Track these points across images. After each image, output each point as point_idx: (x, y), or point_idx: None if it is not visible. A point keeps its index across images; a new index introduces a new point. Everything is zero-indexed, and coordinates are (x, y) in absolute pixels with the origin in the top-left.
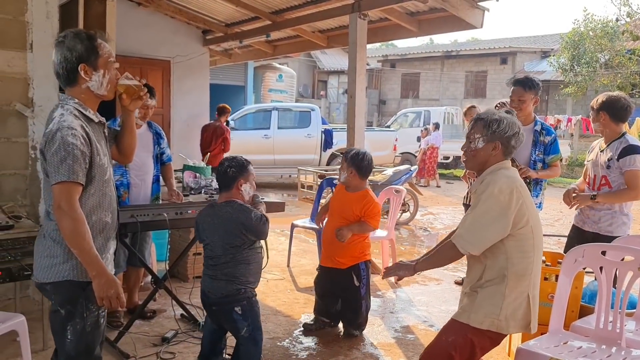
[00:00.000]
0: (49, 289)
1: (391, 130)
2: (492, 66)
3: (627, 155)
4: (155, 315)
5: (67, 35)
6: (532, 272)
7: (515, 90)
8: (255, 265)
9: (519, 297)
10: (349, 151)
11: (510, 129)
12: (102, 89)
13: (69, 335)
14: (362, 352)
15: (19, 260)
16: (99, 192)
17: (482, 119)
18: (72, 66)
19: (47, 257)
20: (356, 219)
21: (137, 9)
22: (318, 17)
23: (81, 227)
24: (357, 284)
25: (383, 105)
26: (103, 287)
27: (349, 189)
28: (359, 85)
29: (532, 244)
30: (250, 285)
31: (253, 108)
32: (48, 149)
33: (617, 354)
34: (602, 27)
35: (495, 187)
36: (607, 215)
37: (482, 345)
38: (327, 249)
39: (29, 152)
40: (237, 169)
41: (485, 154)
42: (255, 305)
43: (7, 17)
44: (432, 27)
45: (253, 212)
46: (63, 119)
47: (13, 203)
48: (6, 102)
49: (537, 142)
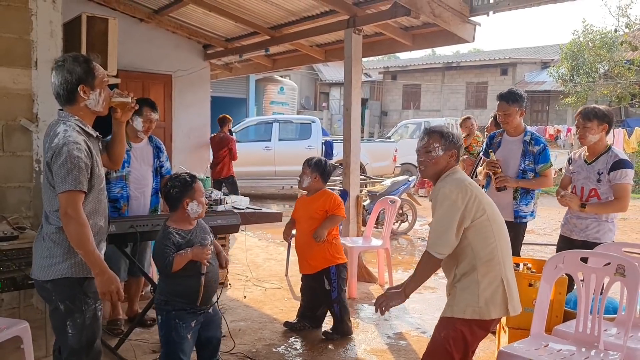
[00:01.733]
0: (49, 286)
1: (391, 142)
2: (493, 77)
3: (619, 169)
4: (154, 323)
5: (66, 60)
6: (499, 256)
7: (500, 105)
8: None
9: (494, 281)
10: (310, 159)
11: (459, 140)
12: (99, 106)
13: (70, 330)
14: (355, 357)
15: (23, 269)
16: (95, 200)
17: (437, 131)
18: (72, 87)
19: (47, 258)
20: (323, 215)
21: (139, 25)
22: (315, 32)
23: (86, 231)
24: (328, 287)
25: (385, 117)
26: (105, 283)
27: (309, 193)
28: (355, 98)
29: (491, 229)
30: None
31: (254, 120)
32: (55, 162)
33: (595, 356)
34: (601, 38)
35: (446, 189)
36: (594, 223)
37: (472, 335)
38: (301, 256)
39: (33, 165)
40: (180, 189)
41: (444, 162)
42: (173, 320)
43: (13, 36)
44: (426, 41)
45: (163, 249)
46: (68, 134)
47: (18, 215)
48: (12, 117)
49: (526, 152)
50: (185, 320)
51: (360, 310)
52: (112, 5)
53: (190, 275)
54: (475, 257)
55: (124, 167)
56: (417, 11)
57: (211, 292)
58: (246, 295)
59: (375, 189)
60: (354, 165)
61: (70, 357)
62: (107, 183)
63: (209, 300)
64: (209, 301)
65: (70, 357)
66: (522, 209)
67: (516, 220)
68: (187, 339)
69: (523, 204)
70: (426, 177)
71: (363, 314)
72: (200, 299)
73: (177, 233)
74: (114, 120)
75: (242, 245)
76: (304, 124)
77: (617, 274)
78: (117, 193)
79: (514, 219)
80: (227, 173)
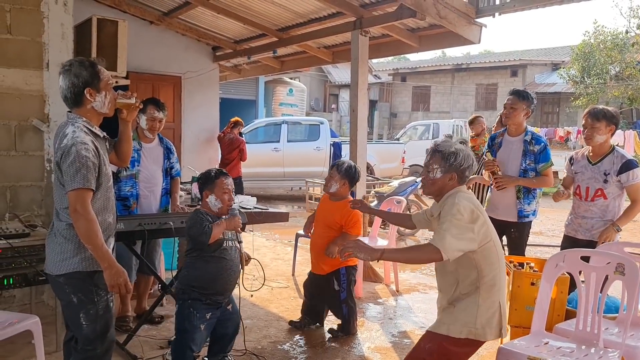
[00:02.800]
0: (62, 280)
1: (399, 143)
2: (503, 79)
3: (628, 170)
4: (162, 320)
5: (72, 64)
6: (500, 281)
7: (510, 98)
8: (205, 273)
9: (492, 306)
10: (340, 164)
11: (465, 161)
12: (105, 107)
13: (84, 321)
14: (359, 355)
15: (35, 266)
16: (103, 197)
17: (440, 151)
18: (79, 90)
19: (59, 253)
20: (338, 227)
21: (149, 27)
22: (322, 34)
23: (95, 227)
24: (337, 288)
25: (394, 118)
26: (114, 276)
27: (334, 197)
28: (361, 99)
29: (496, 254)
30: (194, 291)
31: (263, 122)
32: (64, 161)
33: (594, 354)
34: (612, 39)
35: (460, 205)
36: (599, 223)
37: (457, 353)
38: (315, 257)
39: (44, 165)
40: (203, 181)
41: (442, 183)
42: (187, 308)
43: (25, 38)
44: (432, 43)
45: (199, 220)
46: (76, 135)
47: (29, 213)
48: (24, 118)
49: (526, 151)
50: (199, 310)
51: (366, 310)
52: (122, 8)
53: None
54: (479, 280)
55: (134, 166)
56: (423, 13)
57: (230, 284)
58: (253, 294)
59: (382, 190)
60: (361, 166)
61: (85, 347)
62: (118, 181)
63: (226, 291)
64: (227, 293)
65: (85, 347)
66: (525, 209)
67: (520, 220)
68: (200, 329)
69: (526, 203)
70: (426, 194)
71: (369, 313)
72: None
73: (207, 214)
74: (120, 120)
75: (249, 245)
76: (312, 126)
77: (617, 272)
78: (127, 191)
79: (517, 219)
80: (236, 174)
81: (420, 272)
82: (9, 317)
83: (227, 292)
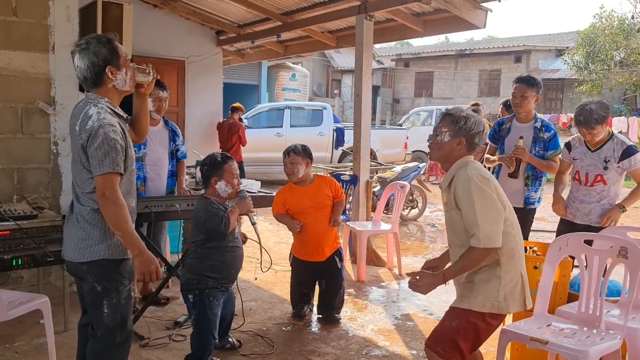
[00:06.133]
0: (85, 268)
1: (402, 129)
2: (506, 65)
3: (629, 156)
4: (168, 301)
5: (89, 42)
6: (519, 252)
7: (518, 87)
8: (221, 264)
9: (514, 277)
10: (293, 148)
11: (475, 126)
12: (127, 85)
13: (106, 309)
14: (363, 336)
15: (43, 247)
16: (128, 181)
17: (451, 115)
18: (99, 69)
19: (83, 240)
20: (330, 201)
21: (152, 10)
22: (326, 18)
23: (124, 212)
24: (339, 266)
25: (397, 104)
26: (145, 263)
27: (303, 183)
28: (365, 84)
29: (512, 223)
30: (210, 280)
31: (266, 107)
32: (91, 144)
33: (596, 335)
34: (618, 25)
35: (475, 180)
36: (597, 207)
37: (486, 326)
38: (316, 245)
39: (50, 147)
40: (210, 168)
41: (449, 148)
42: (207, 298)
43: (31, 20)
44: (437, 28)
45: (214, 211)
46: (102, 116)
47: (36, 195)
48: (30, 100)
49: (537, 138)
50: (217, 297)
51: (369, 293)
52: None
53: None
54: (499, 251)
55: (141, 149)
56: None
57: (239, 269)
58: (257, 277)
59: (385, 175)
60: (364, 150)
61: (105, 335)
62: None
63: (235, 276)
64: (235, 278)
65: (105, 335)
66: (532, 196)
67: (526, 207)
68: (218, 316)
69: (533, 190)
70: (433, 159)
71: (372, 296)
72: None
73: (216, 202)
74: (137, 94)
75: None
76: (315, 111)
77: (619, 256)
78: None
79: (523, 205)
80: (238, 159)
81: (423, 257)
82: (19, 296)
83: (236, 276)
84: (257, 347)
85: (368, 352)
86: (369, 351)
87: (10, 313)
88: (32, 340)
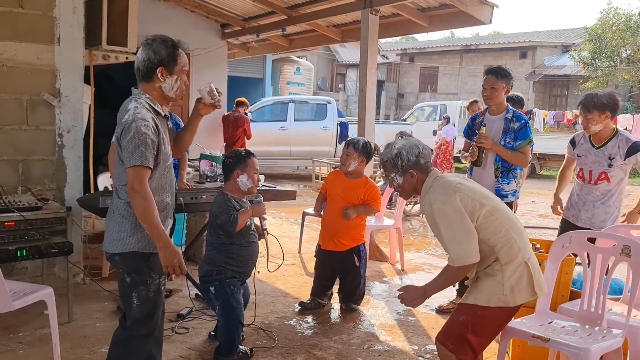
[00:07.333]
0: (118, 259)
1: (406, 123)
2: (512, 60)
3: (635, 153)
4: (171, 294)
5: (155, 40)
6: (516, 241)
7: (488, 78)
8: (238, 257)
9: (518, 267)
10: (356, 142)
11: (410, 154)
12: (172, 92)
13: (135, 301)
14: (364, 331)
15: (47, 238)
16: (161, 176)
17: (386, 161)
18: (152, 66)
19: (116, 232)
20: (358, 202)
21: (158, 3)
22: (332, 12)
23: (151, 205)
24: (358, 264)
25: (401, 99)
26: (169, 256)
27: (350, 175)
28: (370, 79)
29: (496, 218)
30: (229, 271)
31: (270, 100)
32: (124, 137)
33: (598, 333)
34: (625, 21)
35: (437, 202)
36: (601, 211)
37: (494, 321)
38: (329, 232)
39: (55, 139)
40: (234, 160)
41: (408, 185)
42: (228, 287)
43: (37, 12)
44: (443, 23)
45: (226, 208)
46: (137, 111)
47: (41, 187)
48: (35, 92)
49: (507, 129)
50: (237, 286)
51: (371, 288)
52: None
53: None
54: (493, 249)
55: None
56: None
57: (254, 263)
58: (260, 271)
59: None
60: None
61: (132, 326)
62: None
63: (252, 270)
64: (251, 271)
65: (132, 326)
66: (503, 188)
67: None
68: (242, 302)
69: (505, 183)
70: (406, 199)
71: (374, 291)
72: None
73: (233, 198)
74: (194, 111)
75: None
76: (319, 105)
77: (622, 254)
78: None
79: None
80: None
81: (425, 252)
82: (23, 287)
83: (252, 270)
84: (260, 340)
85: (370, 347)
86: (370, 346)
87: (14, 304)
88: (36, 331)
